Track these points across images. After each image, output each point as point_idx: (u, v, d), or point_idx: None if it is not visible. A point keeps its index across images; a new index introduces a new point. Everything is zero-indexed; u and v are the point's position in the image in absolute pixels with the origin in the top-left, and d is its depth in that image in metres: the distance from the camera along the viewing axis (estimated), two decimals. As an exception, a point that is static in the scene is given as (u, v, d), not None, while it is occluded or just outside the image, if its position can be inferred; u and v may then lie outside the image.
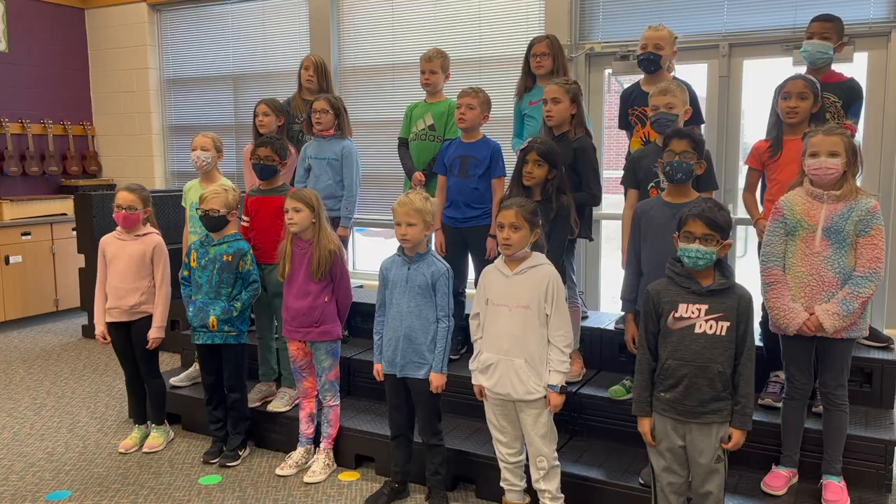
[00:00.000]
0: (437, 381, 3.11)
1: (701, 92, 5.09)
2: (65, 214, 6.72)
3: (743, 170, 5.16)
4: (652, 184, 3.23)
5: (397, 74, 5.98)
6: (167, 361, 5.26)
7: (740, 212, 5.08)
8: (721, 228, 2.45)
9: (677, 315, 2.52)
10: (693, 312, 2.51)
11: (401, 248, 3.20)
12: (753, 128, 5.50)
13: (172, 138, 7.33)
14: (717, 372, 2.47)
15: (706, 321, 2.49)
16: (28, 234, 6.40)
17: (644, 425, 2.62)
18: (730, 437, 2.50)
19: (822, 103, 3.23)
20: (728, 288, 2.50)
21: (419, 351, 3.12)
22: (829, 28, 3.52)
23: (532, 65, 4.03)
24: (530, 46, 4.05)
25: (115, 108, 7.42)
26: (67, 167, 7.25)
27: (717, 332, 2.48)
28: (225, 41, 6.83)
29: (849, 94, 3.54)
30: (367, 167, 6.12)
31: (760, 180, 3.48)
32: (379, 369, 3.23)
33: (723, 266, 2.54)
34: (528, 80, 4.10)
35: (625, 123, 3.95)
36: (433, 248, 3.26)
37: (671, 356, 2.53)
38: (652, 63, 3.74)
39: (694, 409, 2.49)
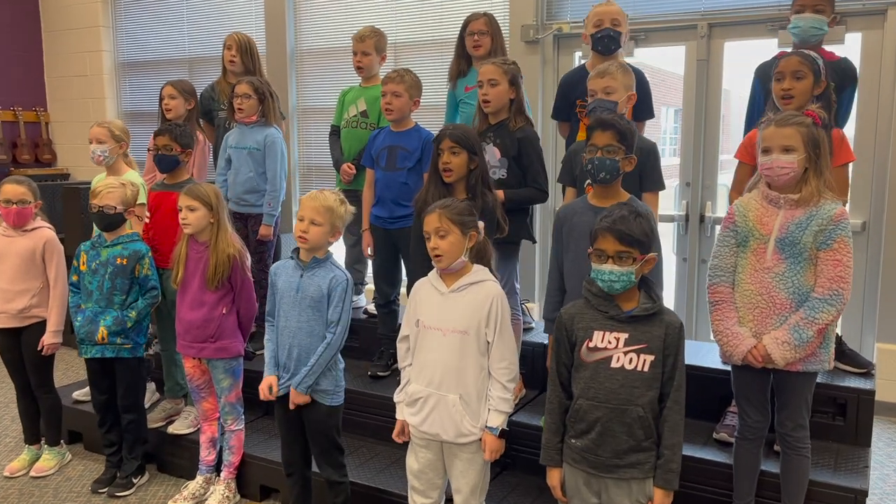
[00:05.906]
0: (295, 398, 2.66)
1: (678, 76, 4.64)
2: (10, 206, 6.32)
3: (725, 164, 4.72)
4: (588, 181, 2.76)
5: (356, 57, 5.52)
6: (74, 369, 4.85)
7: (719, 211, 4.61)
8: (638, 242, 1.98)
9: (591, 345, 2.06)
10: (610, 342, 2.04)
11: (296, 251, 2.75)
12: (735, 115, 5.02)
13: (128, 127, 6.90)
14: (637, 416, 2.01)
15: (625, 353, 2.02)
16: (-34, 226, 6.01)
17: (553, 478, 2.17)
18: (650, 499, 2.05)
19: (826, 82, 2.69)
20: (654, 314, 2.04)
21: None
22: (822, 0, 3.04)
23: (468, 45, 3.59)
24: (465, 25, 3.60)
25: (69, 94, 7.02)
26: (18, 156, 6.85)
27: (638, 368, 2.01)
28: (179, 23, 6.42)
29: (842, 76, 3.06)
30: (324, 156, 5.69)
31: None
32: (272, 382, 2.72)
33: (649, 287, 2.08)
34: (463, 64, 3.66)
35: (565, 114, 3.47)
36: (337, 255, 2.81)
37: (583, 395, 2.07)
38: (613, 41, 3.31)
39: (609, 461, 2.04)
